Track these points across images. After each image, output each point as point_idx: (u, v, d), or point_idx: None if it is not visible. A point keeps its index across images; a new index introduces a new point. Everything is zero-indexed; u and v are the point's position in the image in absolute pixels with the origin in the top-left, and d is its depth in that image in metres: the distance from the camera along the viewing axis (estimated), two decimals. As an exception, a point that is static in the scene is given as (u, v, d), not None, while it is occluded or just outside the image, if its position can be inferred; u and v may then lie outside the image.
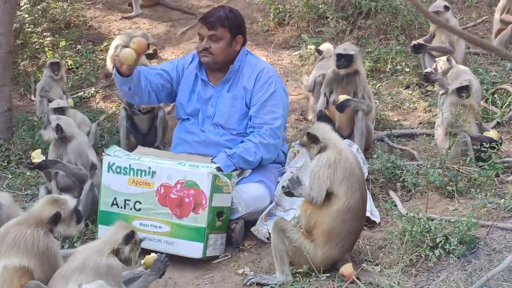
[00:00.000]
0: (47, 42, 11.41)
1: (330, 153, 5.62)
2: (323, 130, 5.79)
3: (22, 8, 11.72)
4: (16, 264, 4.99)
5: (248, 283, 5.80)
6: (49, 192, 7.04)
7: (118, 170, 6.37)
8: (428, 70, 8.19)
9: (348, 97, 7.41)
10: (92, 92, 10.41)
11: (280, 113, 6.68)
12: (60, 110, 8.41)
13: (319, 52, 8.81)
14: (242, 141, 6.67)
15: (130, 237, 5.01)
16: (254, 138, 6.62)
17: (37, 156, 6.98)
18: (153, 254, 5.30)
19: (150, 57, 10.26)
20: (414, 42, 9.16)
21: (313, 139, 5.70)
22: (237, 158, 6.54)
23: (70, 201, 5.37)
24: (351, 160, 5.65)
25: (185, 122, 6.97)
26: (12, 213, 5.88)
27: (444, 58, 8.32)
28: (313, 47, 10.13)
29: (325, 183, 5.53)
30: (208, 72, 6.90)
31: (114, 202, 6.37)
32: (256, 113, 6.68)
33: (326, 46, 8.92)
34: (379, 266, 5.69)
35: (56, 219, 5.19)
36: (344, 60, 7.43)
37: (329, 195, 5.55)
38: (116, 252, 4.99)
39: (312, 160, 5.75)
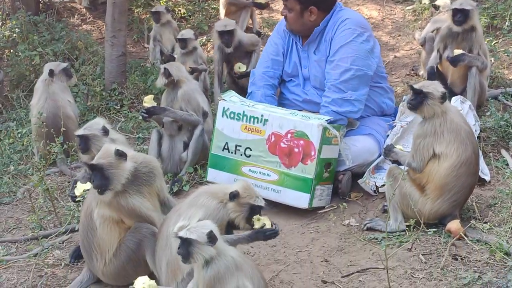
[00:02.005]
0: (161, -11, 11.57)
1: (435, 119, 5.55)
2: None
3: (138, -45, 11.90)
4: (105, 214, 5.19)
5: (364, 228, 5.85)
6: (160, 136, 7.19)
7: (232, 116, 6.46)
8: None
9: (464, 51, 7.25)
10: (204, 40, 10.52)
11: (346, 67, 6.49)
12: (184, 42, 8.74)
13: (436, 7, 8.60)
14: None
15: (233, 196, 5.02)
16: (322, 101, 6.56)
17: (148, 101, 7.11)
18: (265, 219, 5.19)
19: (261, 7, 10.35)
20: None
21: (443, 97, 5.57)
22: None
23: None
24: (456, 119, 5.57)
25: (288, 83, 6.98)
26: None
27: None
28: (427, 1, 9.93)
29: (429, 151, 5.52)
30: None
31: (226, 147, 6.47)
32: (327, 69, 6.63)
33: (443, 1, 8.70)
34: (488, 224, 5.60)
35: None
36: (461, 15, 7.25)
37: (439, 156, 5.50)
38: (224, 204, 5.05)
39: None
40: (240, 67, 8.12)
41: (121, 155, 5.11)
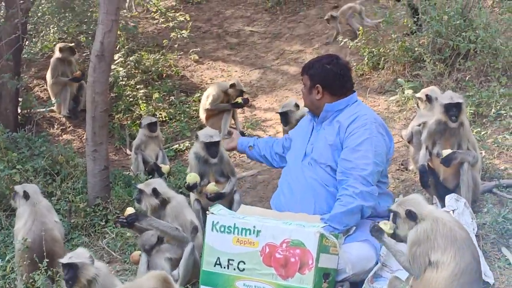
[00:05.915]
0: (141, 94, 11.51)
1: (426, 224, 5.42)
2: (418, 203, 5.58)
3: (116, 61, 11.88)
4: None
5: None
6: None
7: (222, 229, 6.24)
8: None
9: (452, 150, 7.11)
10: (187, 144, 10.40)
11: (373, 160, 6.44)
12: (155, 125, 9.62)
13: (430, 99, 8.35)
14: (337, 199, 6.46)
15: None
16: (346, 191, 6.41)
17: (130, 211, 6.96)
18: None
19: (240, 106, 10.34)
20: None
21: (412, 216, 5.49)
22: (338, 217, 6.34)
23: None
24: (449, 224, 5.40)
25: (284, 170, 7.02)
26: (109, 284, 5.88)
27: None
28: (410, 91, 9.87)
29: (424, 259, 5.35)
30: None
31: (217, 262, 6.22)
32: (347, 157, 6.49)
33: (431, 89, 8.55)
34: (497, 333, 5.39)
35: None
36: (456, 109, 7.12)
37: (436, 264, 5.31)
38: None
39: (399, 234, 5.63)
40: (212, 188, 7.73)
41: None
